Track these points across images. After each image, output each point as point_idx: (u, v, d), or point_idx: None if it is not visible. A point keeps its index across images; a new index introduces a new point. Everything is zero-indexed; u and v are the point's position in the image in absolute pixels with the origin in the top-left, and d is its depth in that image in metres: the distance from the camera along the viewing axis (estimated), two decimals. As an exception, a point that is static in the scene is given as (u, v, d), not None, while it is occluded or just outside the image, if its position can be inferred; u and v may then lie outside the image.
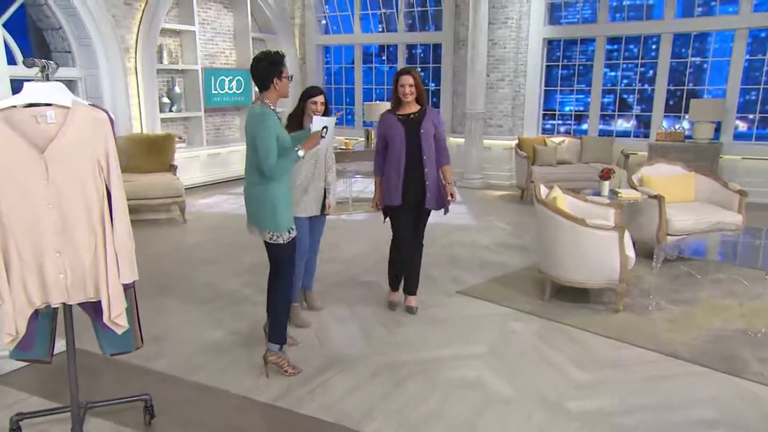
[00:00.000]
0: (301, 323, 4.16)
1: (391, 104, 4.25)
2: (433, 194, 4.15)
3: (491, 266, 5.58)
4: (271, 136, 3.19)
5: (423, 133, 4.08)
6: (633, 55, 9.67)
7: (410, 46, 11.16)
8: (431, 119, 4.14)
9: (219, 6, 10.09)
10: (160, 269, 5.47)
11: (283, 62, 3.37)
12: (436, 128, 4.16)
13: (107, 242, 2.28)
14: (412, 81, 4.06)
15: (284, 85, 3.37)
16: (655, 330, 4.14)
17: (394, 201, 4.15)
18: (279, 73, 3.33)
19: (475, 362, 3.70)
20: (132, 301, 2.62)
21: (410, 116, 4.12)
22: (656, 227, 5.43)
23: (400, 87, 4.07)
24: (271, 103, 3.38)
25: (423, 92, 4.15)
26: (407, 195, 4.13)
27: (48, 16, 7.79)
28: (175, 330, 4.15)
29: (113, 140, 2.34)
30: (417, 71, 4.19)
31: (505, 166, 9.86)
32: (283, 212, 3.35)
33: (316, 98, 3.97)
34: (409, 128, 4.09)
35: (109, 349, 2.65)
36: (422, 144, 4.08)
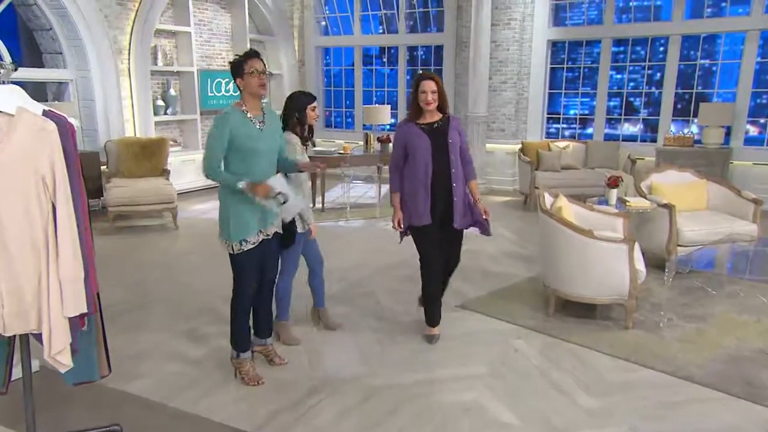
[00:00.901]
0: (289, 341, 3.92)
1: (409, 113, 3.84)
2: (460, 212, 3.79)
3: (494, 277, 5.33)
4: (216, 139, 3.09)
5: (451, 144, 3.72)
6: (640, 58, 9.43)
7: (411, 48, 10.92)
8: (456, 128, 3.78)
9: (216, 7, 9.88)
10: (144, 280, 5.25)
11: (246, 58, 3.15)
12: (461, 138, 3.81)
13: (50, 270, 2.02)
14: (435, 87, 3.67)
15: (249, 83, 3.15)
16: (667, 349, 3.88)
17: (423, 220, 3.76)
18: (240, 71, 3.13)
19: (475, 384, 3.46)
20: (97, 326, 2.39)
21: (434, 126, 3.74)
22: (666, 238, 5.17)
23: (422, 93, 3.67)
24: (245, 105, 3.20)
25: (446, 99, 3.77)
26: (434, 213, 3.77)
27: (37, 17, 7.59)
28: (155, 348, 3.91)
29: (61, 152, 2.07)
30: (438, 77, 3.79)
31: (508, 171, 9.61)
32: (236, 223, 3.18)
33: (314, 104, 3.77)
34: (435, 139, 3.71)
35: (70, 378, 2.42)
36: (450, 156, 3.71)
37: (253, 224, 3.21)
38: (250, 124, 3.16)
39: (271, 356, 3.64)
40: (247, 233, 3.21)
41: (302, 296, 4.31)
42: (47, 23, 7.61)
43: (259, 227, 3.25)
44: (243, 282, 3.32)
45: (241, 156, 3.15)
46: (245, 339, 3.44)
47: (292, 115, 3.74)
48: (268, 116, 3.28)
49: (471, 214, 3.84)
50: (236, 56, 3.20)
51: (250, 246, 3.23)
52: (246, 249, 3.22)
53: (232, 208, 3.20)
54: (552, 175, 8.01)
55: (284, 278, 3.88)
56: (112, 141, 7.55)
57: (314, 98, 3.83)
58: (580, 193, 7.27)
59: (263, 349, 3.65)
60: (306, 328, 4.17)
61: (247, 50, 3.25)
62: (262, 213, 3.25)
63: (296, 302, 4.16)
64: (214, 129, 3.15)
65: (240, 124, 3.13)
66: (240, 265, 3.28)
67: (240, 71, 3.13)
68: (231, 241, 3.22)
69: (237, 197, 3.17)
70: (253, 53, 3.20)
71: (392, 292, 4.93)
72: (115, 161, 7.41)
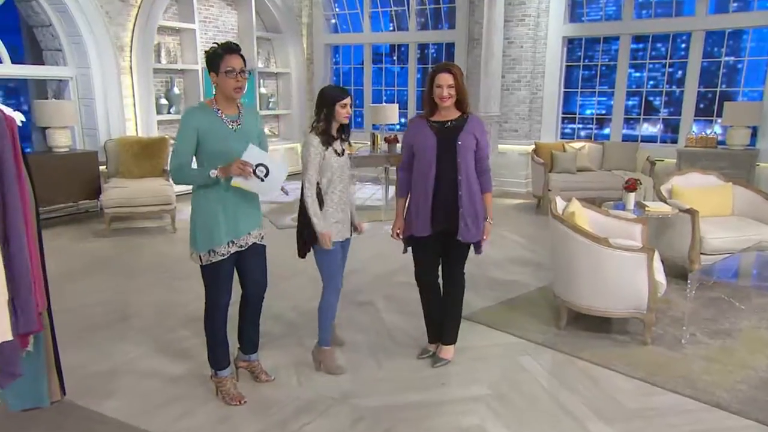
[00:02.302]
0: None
1: (423, 108, 3.41)
2: (470, 225, 3.32)
3: (501, 286, 5.01)
4: (181, 140, 2.82)
5: (460, 146, 3.25)
6: (660, 55, 9.02)
7: (422, 46, 10.62)
8: (472, 131, 3.29)
9: (222, 4, 9.65)
10: (134, 286, 5.00)
11: (223, 53, 2.80)
12: (478, 142, 3.32)
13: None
14: (452, 81, 3.20)
15: (224, 84, 2.82)
16: (690, 370, 3.53)
17: (421, 231, 3.36)
18: (215, 67, 2.81)
19: (477, 407, 3.14)
20: (47, 346, 2.12)
21: (446, 124, 3.31)
22: (689, 245, 4.82)
23: (437, 88, 3.22)
24: (217, 103, 2.89)
25: (466, 95, 3.28)
26: (435, 223, 3.36)
27: (37, 13, 7.40)
28: (134, 362, 3.64)
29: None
30: (458, 67, 3.29)
31: (521, 173, 9.26)
32: (205, 232, 2.91)
33: (345, 100, 3.24)
34: (442, 139, 3.28)
35: (16, 403, 2.17)
36: (458, 160, 3.26)
37: (222, 234, 2.93)
38: (221, 124, 2.87)
39: (257, 372, 3.36)
40: (216, 243, 2.92)
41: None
42: (47, 19, 7.42)
43: (230, 237, 2.96)
44: (214, 297, 3.04)
45: (212, 158, 2.86)
46: (223, 356, 3.17)
47: (319, 112, 3.27)
48: (246, 115, 2.99)
49: (477, 229, 3.39)
50: (213, 45, 2.87)
51: (219, 258, 2.94)
52: (215, 261, 2.94)
53: (202, 216, 2.92)
54: (566, 178, 7.65)
55: (326, 295, 3.44)
56: (112, 140, 7.35)
57: (346, 94, 3.27)
58: (596, 196, 6.93)
59: (248, 365, 3.37)
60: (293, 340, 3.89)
61: (225, 43, 2.88)
62: (236, 221, 2.96)
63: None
64: (180, 128, 2.87)
65: (209, 124, 2.84)
66: (209, 278, 3.01)
67: (215, 67, 2.82)
68: (198, 251, 2.95)
69: (208, 204, 2.91)
70: (232, 48, 2.85)
71: (392, 300, 4.64)
72: (115, 161, 7.20)
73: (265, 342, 3.87)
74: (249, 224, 3.04)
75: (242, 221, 3.00)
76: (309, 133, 3.30)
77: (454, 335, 3.62)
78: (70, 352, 3.72)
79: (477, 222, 3.37)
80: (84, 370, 3.50)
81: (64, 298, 4.69)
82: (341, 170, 3.33)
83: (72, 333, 4.03)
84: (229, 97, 2.87)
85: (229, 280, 3.08)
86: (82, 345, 3.85)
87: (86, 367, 3.55)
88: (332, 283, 3.43)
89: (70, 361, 3.58)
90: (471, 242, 3.41)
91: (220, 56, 2.80)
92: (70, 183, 6.96)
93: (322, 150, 3.24)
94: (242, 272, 3.13)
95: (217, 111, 2.88)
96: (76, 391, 3.22)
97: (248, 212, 3.05)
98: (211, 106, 2.90)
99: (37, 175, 6.90)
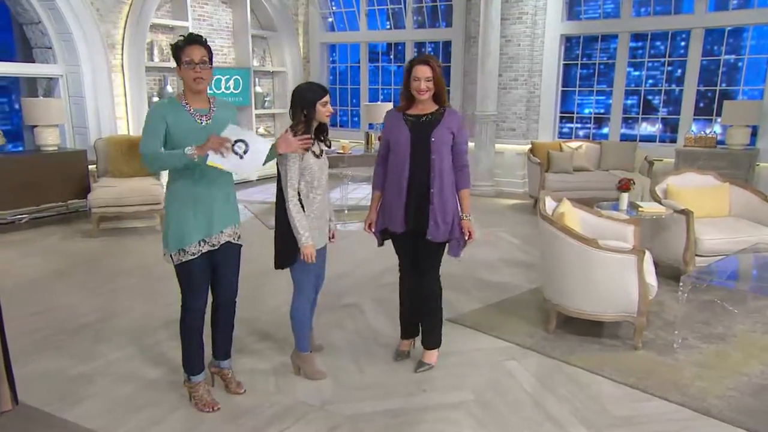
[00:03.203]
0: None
1: (401, 101, 3.29)
2: (439, 223, 3.20)
3: (491, 288, 4.90)
4: (149, 126, 2.75)
5: (434, 143, 3.16)
6: (659, 53, 8.88)
7: (419, 44, 10.50)
8: (448, 125, 3.19)
9: (216, 1, 9.56)
10: (118, 287, 4.91)
11: (183, 45, 2.74)
12: (453, 137, 3.22)
13: None
14: (430, 73, 3.10)
15: (184, 75, 2.75)
16: (681, 375, 3.42)
17: (394, 226, 3.29)
18: (178, 60, 2.76)
19: (458, 414, 3.04)
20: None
21: (422, 118, 3.21)
22: (683, 247, 4.71)
23: (414, 81, 3.13)
24: (185, 98, 2.81)
25: (443, 88, 3.20)
26: (408, 220, 3.26)
27: (26, 10, 7.32)
28: (109, 366, 3.54)
29: None
30: (437, 60, 3.18)
31: (518, 173, 9.14)
32: (176, 230, 2.81)
33: (325, 98, 3.09)
34: (417, 133, 3.19)
35: (-36, 411, 2.06)
36: (432, 156, 3.16)
37: (194, 232, 2.83)
38: (190, 119, 2.78)
39: (228, 381, 3.22)
40: (186, 242, 2.83)
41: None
42: (36, 16, 7.34)
43: (202, 236, 2.86)
44: (187, 298, 2.94)
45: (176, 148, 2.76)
46: (195, 361, 3.06)
47: (297, 113, 3.08)
48: (218, 110, 2.88)
49: (451, 228, 3.27)
50: (179, 38, 2.80)
51: (190, 257, 2.85)
52: (185, 260, 2.85)
53: (173, 213, 2.84)
54: (563, 177, 7.53)
55: (296, 300, 3.32)
56: (102, 139, 7.26)
57: (326, 91, 3.12)
58: (592, 196, 6.80)
59: (218, 371, 3.24)
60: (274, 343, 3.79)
61: (187, 35, 2.82)
62: (209, 219, 2.86)
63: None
64: (147, 119, 2.80)
65: (176, 117, 2.75)
66: (183, 280, 2.92)
67: (177, 59, 2.75)
68: (169, 250, 2.86)
69: (179, 201, 2.82)
70: (192, 39, 2.76)
71: (379, 302, 4.53)
72: (104, 160, 7.12)
73: (246, 345, 3.80)
74: (222, 222, 2.94)
75: (216, 219, 2.90)
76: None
77: (436, 340, 3.51)
78: (48, 355, 3.68)
79: (446, 220, 3.24)
80: (60, 375, 3.41)
81: (47, 298, 4.62)
82: (320, 172, 3.18)
83: (52, 335, 3.96)
84: (192, 90, 2.78)
85: (205, 281, 2.98)
86: (62, 348, 3.77)
87: (63, 371, 3.46)
88: (304, 292, 3.31)
89: (47, 364, 3.54)
90: (440, 242, 3.28)
91: (181, 48, 2.74)
92: (58, 182, 6.87)
93: (301, 152, 3.09)
94: (213, 274, 3.01)
95: (186, 105, 2.79)
96: (48, 395, 3.15)
97: (223, 209, 2.94)
98: (179, 101, 2.82)
99: (25, 174, 6.80)
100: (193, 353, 3.04)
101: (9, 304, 4.42)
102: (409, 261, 3.41)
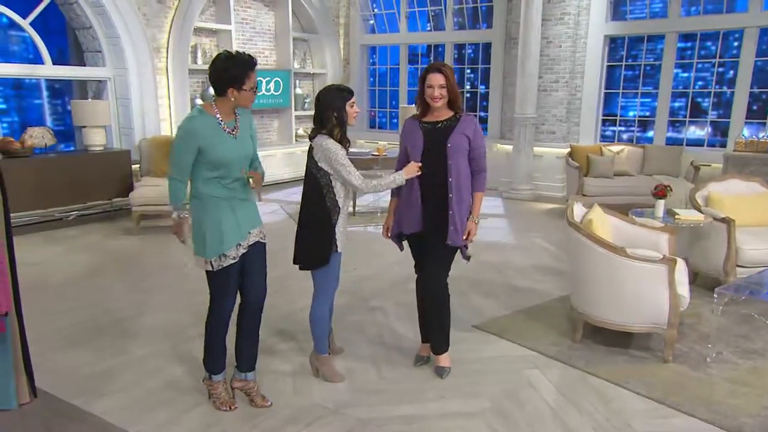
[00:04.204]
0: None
1: (417, 109, 3.38)
2: (458, 227, 3.25)
3: (521, 295, 4.81)
4: (180, 148, 2.76)
5: (450, 148, 3.20)
6: (710, 54, 8.55)
7: (460, 46, 10.42)
8: (464, 131, 3.23)
9: (259, 5, 9.74)
10: (155, 285, 5.06)
11: (247, 71, 2.73)
12: (470, 142, 3.25)
13: None
14: (443, 81, 3.17)
15: (243, 98, 2.78)
16: (713, 392, 3.27)
17: (409, 228, 3.35)
18: (239, 84, 2.73)
19: (473, 423, 2.99)
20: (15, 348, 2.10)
21: (438, 125, 3.26)
22: (724, 257, 4.51)
23: (428, 88, 3.20)
24: (219, 113, 2.80)
25: (458, 95, 3.26)
26: (424, 224, 3.31)
27: (78, 15, 7.63)
28: (137, 362, 3.64)
29: None
30: (450, 68, 3.26)
31: (558, 177, 8.95)
32: (213, 236, 2.80)
33: (353, 99, 3.17)
34: (432, 140, 3.23)
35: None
36: (449, 162, 3.21)
37: (231, 236, 2.85)
38: (223, 133, 2.79)
39: (253, 395, 3.16)
40: (226, 246, 2.84)
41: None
42: (87, 21, 7.65)
43: (238, 239, 2.89)
44: (221, 301, 2.95)
45: (211, 166, 2.79)
46: (218, 361, 3.10)
47: (329, 117, 3.11)
48: (241, 119, 2.91)
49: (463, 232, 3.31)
50: (232, 55, 2.76)
51: (231, 261, 2.87)
52: (226, 265, 2.87)
53: (208, 219, 2.82)
54: (602, 182, 7.34)
55: (316, 303, 3.34)
56: (146, 139, 7.51)
57: (352, 93, 3.20)
58: (633, 202, 6.61)
59: (244, 385, 3.17)
60: (296, 345, 3.83)
61: (246, 57, 2.77)
62: (239, 221, 2.89)
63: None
64: (178, 135, 2.81)
65: (211, 134, 2.75)
66: (219, 284, 2.92)
67: (238, 83, 2.73)
68: (207, 257, 2.85)
69: (214, 207, 2.81)
70: (254, 64, 2.79)
71: (404, 307, 4.51)
72: (147, 160, 7.36)
73: (270, 345, 3.84)
74: (250, 223, 2.97)
75: (245, 221, 2.93)
76: (324, 136, 3.13)
77: (443, 344, 3.50)
78: (79, 349, 3.81)
79: (465, 225, 3.30)
80: (88, 369, 3.53)
81: (85, 294, 4.80)
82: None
83: (85, 330, 4.10)
84: (245, 107, 2.84)
85: (237, 284, 3.00)
86: (92, 342, 3.90)
87: (92, 365, 3.58)
88: (325, 295, 3.33)
89: (78, 358, 3.66)
90: (458, 246, 3.31)
91: (244, 73, 2.74)
92: (104, 181, 7.15)
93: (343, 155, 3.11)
94: (243, 276, 3.01)
95: (218, 118, 2.80)
96: (76, 388, 3.27)
97: (249, 211, 2.99)
98: (211, 113, 2.80)
99: (73, 172, 7.05)
100: (217, 353, 3.08)
101: (52, 299, 4.66)
102: (423, 263, 3.42)
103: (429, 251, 3.35)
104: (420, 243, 3.40)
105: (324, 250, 3.18)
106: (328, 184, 3.14)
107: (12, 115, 9.32)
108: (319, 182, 3.14)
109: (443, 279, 3.38)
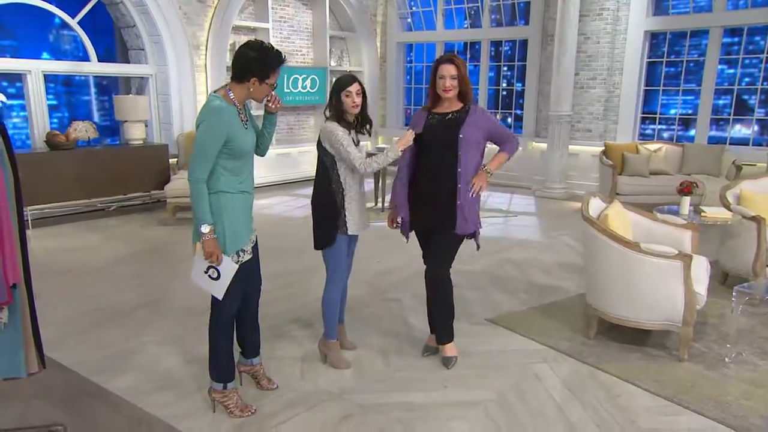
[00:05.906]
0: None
1: (428, 100, 3.38)
2: (467, 217, 3.27)
3: (539, 291, 4.76)
4: (211, 141, 2.59)
5: (462, 139, 3.19)
6: (758, 49, 8.21)
7: (497, 43, 10.34)
8: (476, 122, 3.23)
9: (297, 4, 9.91)
10: (178, 272, 5.22)
11: (275, 65, 2.71)
12: (488, 130, 3.27)
13: None
14: (455, 72, 3.17)
15: (260, 91, 2.74)
16: (726, 392, 3.18)
17: (416, 217, 3.40)
18: (263, 76, 2.70)
19: (473, 413, 3.00)
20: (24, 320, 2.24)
21: (447, 116, 3.27)
22: (753, 256, 4.35)
23: (440, 79, 3.19)
24: (237, 99, 2.76)
25: (468, 87, 3.26)
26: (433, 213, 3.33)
27: (123, 15, 7.96)
28: (158, 343, 3.79)
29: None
30: (462, 59, 3.26)
31: (593, 176, 8.75)
32: (232, 233, 2.76)
33: (350, 88, 3.15)
34: (443, 132, 3.24)
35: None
36: (459, 153, 3.20)
37: (245, 232, 2.87)
38: (241, 125, 2.77)
39: (260, 378, 3.23)
40: (243, 242, 2.85)
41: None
42: (131, 20, 7.97)
43: (250, 234, 2.93)
44: (230, 301, 2.91)
45: (234, 156, 2.74)
46: (231, 364, 2.98)
47: (331, 103, 3.23)
48: (247, 109, 2.97)
49: (473, 220, 3.32)
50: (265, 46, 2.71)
51: (248, 255, 2.90)
52: (245, 260, 2.88)
53: (226, 218, 2.77)
54: (637, 181, 7.16)
55: (329, 288, 3.40)
56: (182, 134, 7.76)
57: (354, 80, 3.19)
58: (668, 201, 6.41)
59: (250, 369, 3.22)
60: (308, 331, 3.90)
61: (277, 52, 2.71)
62: (249, 216, 2.94)
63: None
64: (208, 128, 2.61)
65: (235, 123, 2.72)
66: (235, 279, 2.89)
67: (262, 74, 2.69)
68: (227, 254, 2.81)
69: (231, 203, 2.77)
70: (283, 61, 2.73)
71: (420, 298, 4.47)
72: (184, 154, 7.60)
73: (285, 331, 3.94)
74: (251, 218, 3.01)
75: (251, 215, 2.97)
76: (326, 121, 3.23)
77: (448, 334, 3.51)
78: (108, 329, 3.99)
79: (472, 215, 3.31)
80: (114, 348, 3.70)
81: (116, 279, 5.01)
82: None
83: (116, 312, 4.29)
84: (255, 100, 2.81)
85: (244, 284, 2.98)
86: (121, 323, 4.10)
87: (117, 344, 3.75)
88: (336, 277, 3.39)
89: (104, 338, 3.84)
90: (465, 234, 3.33)
91: (271, 69, 2.71)
92: (143, 173, 7.43)
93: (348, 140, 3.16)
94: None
95: (239, 109, 2.78)
96: (98, 365, 3.44)
97: (251, 205, 3.01)
98: (230, 102, 2.74)
99: (114, 165, 7.32)
100: (229, 359, 2.98)
101: (88, 282, 4.89)
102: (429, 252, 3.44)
103: (433, 241, 3.37)
104: (426, 234, 3.42)
105: (329, 229, 3.25)
106: (332, 165, 3.21)
107: (62, 111, 9.79)
108: (325, 164, 3.24)
109: (446, 270, 3.39)
